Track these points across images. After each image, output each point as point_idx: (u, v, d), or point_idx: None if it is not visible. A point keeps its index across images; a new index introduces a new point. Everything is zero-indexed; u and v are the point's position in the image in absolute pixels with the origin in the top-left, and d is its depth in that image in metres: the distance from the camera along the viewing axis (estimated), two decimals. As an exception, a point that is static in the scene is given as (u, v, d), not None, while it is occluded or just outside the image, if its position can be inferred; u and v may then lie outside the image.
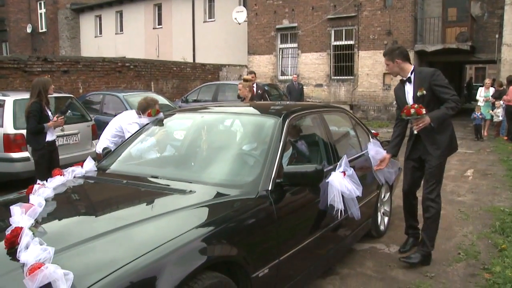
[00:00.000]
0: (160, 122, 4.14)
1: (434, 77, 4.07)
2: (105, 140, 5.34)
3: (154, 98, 5.51)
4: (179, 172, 3.44)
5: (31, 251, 1.99)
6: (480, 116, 13.04)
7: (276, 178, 3.01)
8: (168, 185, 3.05)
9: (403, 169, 4.61)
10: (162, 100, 11.07)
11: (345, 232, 3.98)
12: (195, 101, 14.48)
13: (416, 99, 4.15)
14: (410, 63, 4.30)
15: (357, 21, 17.99)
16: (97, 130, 8.25)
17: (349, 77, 18.60)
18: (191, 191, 2.88)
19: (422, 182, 4.38)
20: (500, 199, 6.62)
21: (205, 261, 2.28)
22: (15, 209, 2.40)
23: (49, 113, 5.74)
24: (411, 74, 4.21)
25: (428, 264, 4.24)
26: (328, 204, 3.40)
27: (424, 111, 3.96)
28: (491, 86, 13.82)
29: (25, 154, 6.63)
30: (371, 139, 4.81)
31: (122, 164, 3.66)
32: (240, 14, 20.60)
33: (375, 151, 4.56)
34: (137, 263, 2.05)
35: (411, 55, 17.08)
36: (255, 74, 9.28)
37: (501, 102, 12.73)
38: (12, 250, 2.12)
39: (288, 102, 9.41)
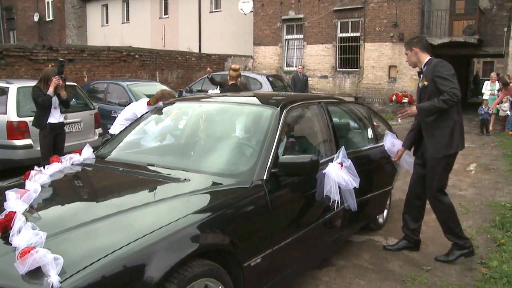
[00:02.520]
0: (159, 111, 4.15)
1: (436, 68, 3.93)
2: (118, 125, 5.44)
3: (170, 92, 5.66)
4: (175, 161, 3.46)
5: (23, 235, 2.02)
6: (490, 112, 12.94)
7: (271, 168, 3.01)
8: (164, 173, 3.06)
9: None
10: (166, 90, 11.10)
11: (341, 224, 3.97)
12: (199, 91, 14.47)
13: (418, 89, 4.12)
14: (430, 54, 4.14)
15: (363, 13, 17.87)
16: (101, 118, 8.30)
17: (354, 69, 18.51)
18: (185, 179, 2.89)
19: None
20: (502, 194, 6.60)
21: (196, 248, 2.30)
22: (10, 194, 2.44)
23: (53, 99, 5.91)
24: (424, 66, 4.11)
25: (472, 255, 4.19)
26: (324, 195, 3.40)
27: (406, 100, 3.93)
28: (497, 80, 13.70)
29: (28, 141, 6.68)
30: (387, 132, 4.78)
31: (120, 152, 3.69)
32: (246, 5, 20.52)
33: (391, 143, 4.54)
34: (128, 248, 2.07)
35: (418, 48, 16.96)
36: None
37: (509, 97, 12.62)
38: (5, 234, 2.16)
39: (290, 93, 9.41)
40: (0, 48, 11.68)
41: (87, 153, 3.49)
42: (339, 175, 3.42)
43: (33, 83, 6.65)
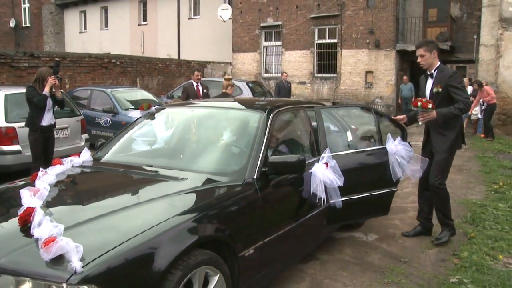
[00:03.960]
0: (151, 116, 4.37)
1: (452, 78, 4.49)
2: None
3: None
4: (172, 162, 3.69)
5: (44, 227, 2.23)
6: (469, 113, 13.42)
7: (261, 167, 3.28)
8: (162, 173, 3.30)
9: None
10: (148, 96, 11.28)
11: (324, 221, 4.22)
12: (179, 97, 14.65)
13: (431, 94, 4.58)
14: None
15: (340, 20, 18.34)
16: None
17: (332, 75, 18.95)
18: (183, 178, 3.14)
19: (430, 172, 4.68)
20: (473, 193, 6.98)
21: (196, 239, 2.54)
22: (25, 192, 2.65)
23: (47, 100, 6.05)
24: (435, 70, 4.61)
25: (455, 234, 4.81)
26: (311, 193, 3.66)
27: (430, 106, 4.35)
28: (469, 85, 14.25)
29: (16, 147, 6.79)
30: (389, 135, 4.68)
31: (117, 155, 3.90)
32: (225, 12, 20.81)
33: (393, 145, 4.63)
34: (138, 239, 2.31)
35: (393, 54, 17.52)
36: (201, 72, 9.65)
37: (481, 101, 13.14)
38: (24, 227, 2.37)
39: (272, 98, 9.70)
40: (-19, 55, 11.69)
41: (86, 155, 3.69)
42: (324, 174, 3.66)
43: (20, 90, 6.80)
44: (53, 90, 5.98)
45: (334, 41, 18.71)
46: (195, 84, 8.89)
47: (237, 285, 2.90)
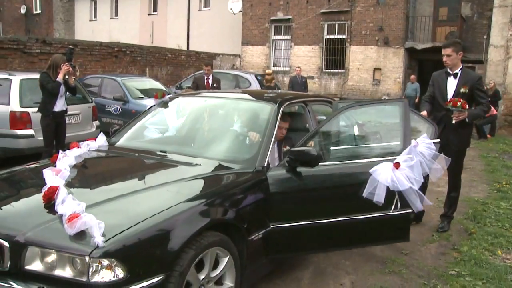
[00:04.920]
0: (165, 104, 4.50)
1: (479, 81, 4.84)
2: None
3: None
4: (185, 149, 3.84)
5: (67, 204, 2.39)
6: None
7: (282, 157, 3.41)
8: (176, 159, 3.44)
9: None
10: (159, 86, 11.43)
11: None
12: (188, 88, 14.77)
13: (456, 93, 4.75)
14: None
15: (350, 16, 18.38)
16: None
17: (340, 71, 19.01)
18: (197, 164, 3.29)
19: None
20: (476, 191, 7.08)
21: (208, 221, 2.70)
22: (47, 172, 2.80)
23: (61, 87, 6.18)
24: (459, 71, 4.82)
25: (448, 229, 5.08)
26: (365, 194, 3.35)
27: (467, 106, 4.58)
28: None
29: (30, 131, 6.94)
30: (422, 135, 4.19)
31: (131, 141, 4.04)
32: (236, 4, 20.88)
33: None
34: (153, 219, 2.46)
35: (401, 52, 17.56)
36: (211, 66, 9.52)
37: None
38: (48, 204, 2.52)
39: (281, 91, 9.84)
40: (-6, 40, 11.86)
41: (102, 140, 3.85)
42: (389, 175, 3.35)
43: (34, 75, 6.93)
44: (66, 77, 6.10)
45: (343, 37, 18.75)
46: (205, 76, 9.04)
47: (245, 267, 3.04)
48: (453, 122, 4.69)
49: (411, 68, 18.42)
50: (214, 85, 9.08)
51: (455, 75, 4.82)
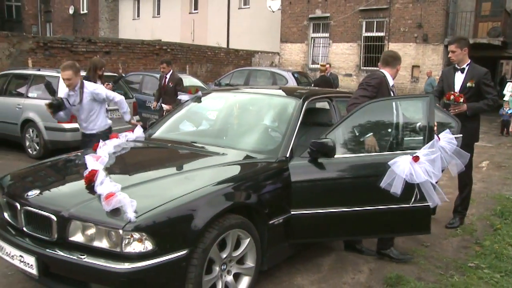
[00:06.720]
0: (198, 99, 4.80)
1: (486, 75, 4.89)
2: None
3: None
4: (214, 140, 4.14)
5: (105, 185, 2.72)
6: (509, 113, 13.22)
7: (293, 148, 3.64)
8: (205, 149, 3.75)
9: None
10: (197, 82, 11.80)
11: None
12: (227, 85, 15.13)
13: (463, 88, 4.90)
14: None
15: (388, 13, 18.28)
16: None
17: (378, 68, 18.86)
18: (224, 153, 3.58)
19: None
20: (509, 189, 7.03)
21: (231, 204, 2.97)
22: (89, 158, 3.15)
23: None
24: (467, 66, 4.96)
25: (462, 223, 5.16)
26: (383, 185, 3.47)
27: (462, 100, 4.72)
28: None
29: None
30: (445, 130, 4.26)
31: (166, 133, 4.37)
32: (274, 2, 21.14)
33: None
34: (180, 200, 2.75)
35: (441, 49, 17.31)
36: (166, 63, 8.34)
37: None
38: (89, 186, 2.87)
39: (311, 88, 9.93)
40: (45, 40, 12.60)
41: (139, 132, 4.19)
42: (407, 168, 3.45)
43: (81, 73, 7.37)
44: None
45: (382, 34, 18.67)
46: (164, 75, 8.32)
47: (266, 250, 3.29)
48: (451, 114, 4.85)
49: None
50: (170, 84, 8.19)
51: (462, 70, 4.96)
